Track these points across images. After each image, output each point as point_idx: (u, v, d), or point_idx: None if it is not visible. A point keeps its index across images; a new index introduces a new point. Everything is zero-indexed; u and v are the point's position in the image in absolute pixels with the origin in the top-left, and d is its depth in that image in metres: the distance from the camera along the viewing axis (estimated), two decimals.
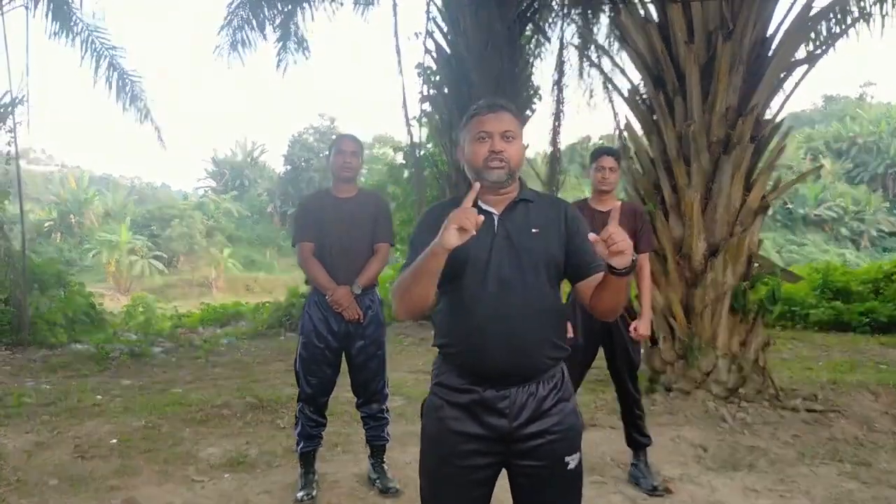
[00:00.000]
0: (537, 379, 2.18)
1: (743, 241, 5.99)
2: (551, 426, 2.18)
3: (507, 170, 2.16)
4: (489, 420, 2.16)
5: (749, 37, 5.92)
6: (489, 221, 2.17)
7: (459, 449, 2.18)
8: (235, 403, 5.97)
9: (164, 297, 35.68)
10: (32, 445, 4.80)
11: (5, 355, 8.52)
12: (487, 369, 2.15)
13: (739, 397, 5.95)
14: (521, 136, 2.23)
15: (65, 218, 51.00)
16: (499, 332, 2.12)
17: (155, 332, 10.24)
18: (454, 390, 2.21)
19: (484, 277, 2.13)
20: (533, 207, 2.24)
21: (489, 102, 2.25)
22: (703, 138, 6.00)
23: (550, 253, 2.19)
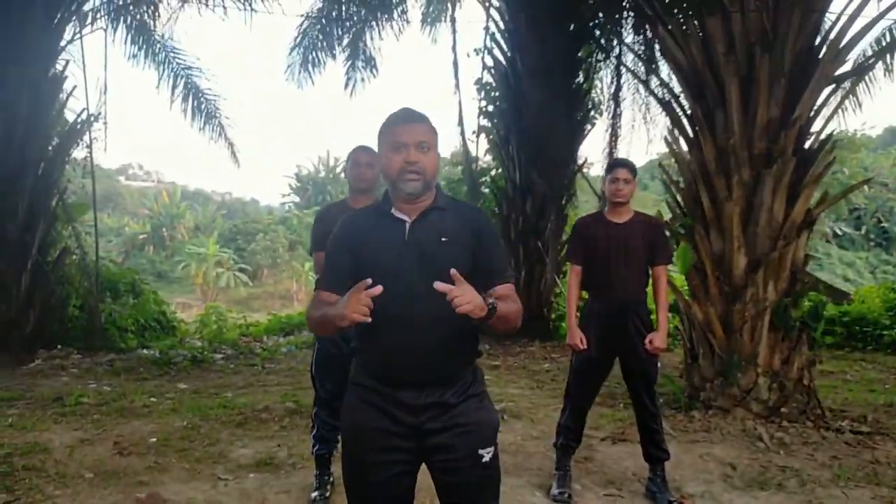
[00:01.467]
0: (450, 381, 2.27)
1: (785, 255, 5.84)
2: (460, 420, 2.26)
3: (423, 181, 2.22)
4: (399, 416, 2.24)
5: (792, 48, 5.79)
6: (400, 229, 2.26)
7: (374, 444, 2.26)
8: (276, 408, 6.18)
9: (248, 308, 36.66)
10: (77, 441, 5.09)
11: (76, 359, 9.01)
12: (396, 374, 2.25)
13: (781, 416, 5.79)
14: (436, 147, 2.29)
15: (157, 231, 53.31)
16: (406, 340, 2.20)
17: (219, 340, 10.62)
18: (367, 389, 2.30)
19: (392, 285, 2.12)
20: (446, 216, 2.30)
21: (405, 113, 2.31)
22: (743, 151, 5.90)
23: (457, 260, 2.18)
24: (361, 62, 14.26)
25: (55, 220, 9.73)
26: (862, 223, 43.58)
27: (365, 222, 2.36)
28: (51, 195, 9.56)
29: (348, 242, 2.32)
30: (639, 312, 4.23)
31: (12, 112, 8.91)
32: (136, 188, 69.71)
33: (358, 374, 2.36)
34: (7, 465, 4.51)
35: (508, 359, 9.34)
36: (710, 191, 6.07)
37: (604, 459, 5.03)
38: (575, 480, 4.52)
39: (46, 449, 4.89)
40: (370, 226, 2.32)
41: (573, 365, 4.37)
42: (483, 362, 8.97)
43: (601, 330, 4.22)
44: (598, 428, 5.81)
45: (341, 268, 2.30)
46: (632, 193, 4.29)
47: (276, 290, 47.14)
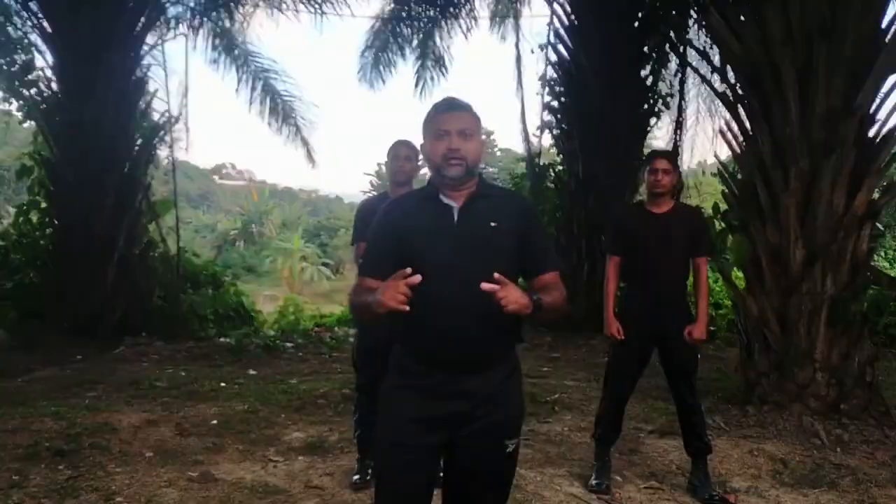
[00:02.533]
0: (491, 367, 2.31)
1: (845, 248, 5.67)
2: (499, 411, 2.30)
3: (465, 167, 2.27)
4: (444, 403, 2.27)
5: (853, 35, 5.61)
6: (449, 214, 2.30)
7: (411, 428, 2.28)
8: (333, 394, 6.40)
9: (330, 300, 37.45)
10: (143, 422, 5.42)
11: (158, 346, 9.49)
12: (445, 358, 2.27)
13: (840, 413, 5.63)
14: (479, 134, 2.34)
15: (247, 227, 54.97)
16: (457, 324, 2.22)
17: (292, 330, 10.99)
18: (412, 374, 2.32)
19: (443, 269, 2.20)
20: (492, 202, 2.34)
21: (448, 102, 2.37)
22: (801, 142, 5.75)
23: (507, 246, 2.28)
24: (431, 62, 14.47)
25: (140, 216, 10.28)
26: None
27: (410, 207, 2.41)
28: (136, 192, 10.11)
29: (393, 227, 2.35)
30: (678, 304, 4.23)
31: (100, 113, 9.46)
32: (229, 187, 72.13)
33: (403, 357, 2.37)
34: (75, 443, 4.84)
35: (569, 351, 9.34)
36: (766, 182, 5.94)
37: (649, 452, 5.03)
38: (617, 472, 4.55)
39: (114, 429, 5.22)
40: (416, 210, 2.37)
41: (610, 356, 4.39)
42: (543, 354, 9.11)
43: (639, 321, 4.22)
44: (649, 421, 5.80)
45: (384, 253, 2.34)
46: (671, 184, 4.28)
47: None
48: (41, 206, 10.17)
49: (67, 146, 9.53)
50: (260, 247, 53.25)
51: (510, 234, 2.31)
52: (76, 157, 9.47)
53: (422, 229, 2.30)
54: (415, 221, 2.33)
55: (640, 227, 4.24)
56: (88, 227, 9.46)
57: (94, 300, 9.47)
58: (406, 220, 2.35)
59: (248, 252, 52.13)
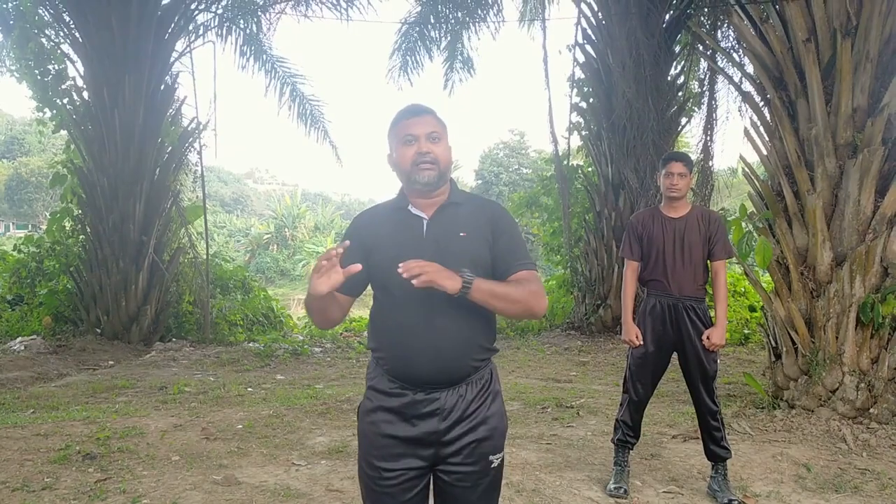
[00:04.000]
0: (466, 381, 2.23)
1: (874, 249, 5.57)
2: (479, 427, 2.23)
3: (437, 171, 2.20)
4: (420, 422, 2.20)
5: (877, 33, 5.52)
6: (418, 226, 2.24)
7: (391, 451, 2.21)
8: (357, 399, 6.41)
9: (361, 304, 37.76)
10: (171, 427, 5.51)
11: (188, 351, 9.66)
12: (416, 374, 2.19)
13: (870, 417, 5.53)
14: (446, 138, 2.27)
15: (280, 231, 55.49)
16: (426, 338, 2.15)
17: (320, 335, 11.08)
18: (385, 394, 2.24)
19: (410, 284, 2.05)
20: (462, 210, 2.27)
21: (412, 107, 2.30)
22: (827, 141, 5.67)
23: (477, 255, 2.20)
24: (459, 63, 14.56)
25: (170, 222, 10.45)
26: None
27: (379, 218, 2.33)
28: (165, 198, 10.29)
29: (360, 237, 2.27)
30: (696, 308, 4.20)
31: (130, 121, 9.66)
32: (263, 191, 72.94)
33: (376, 377, 2.29)
34: (105, 447, 4.95)
35: (599, 356, 9.31)
36: (792, 183, 5.87)
37: (670, 457, 4.99)
38: (637, 476, 4.53)
39: (142, 433, 5.32)
40: (385, 221, 2.29)
41: (630, 360, 4.37)
42: (572, 358, 9.09)
43: (657, 325, 4.21)
44: (673, 425, 5.75)
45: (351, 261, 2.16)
46: (688, 187, 4.26)
47: None
48: (74, 214, 10.39)
49: (99, 154, 9.73)
50: (292, 250, 53.70)
51: (480, 241, 2.23)
52: (107, 164, 9.68)
53: (390, 241, 2.23)
54: (383, 233, 2.26)
55: (657, 232, 4.23)
56: (120, 233, 9.66)
57: (125, 306, 9.66)
58: (374, 232, 2.28)
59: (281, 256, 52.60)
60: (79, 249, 10.25)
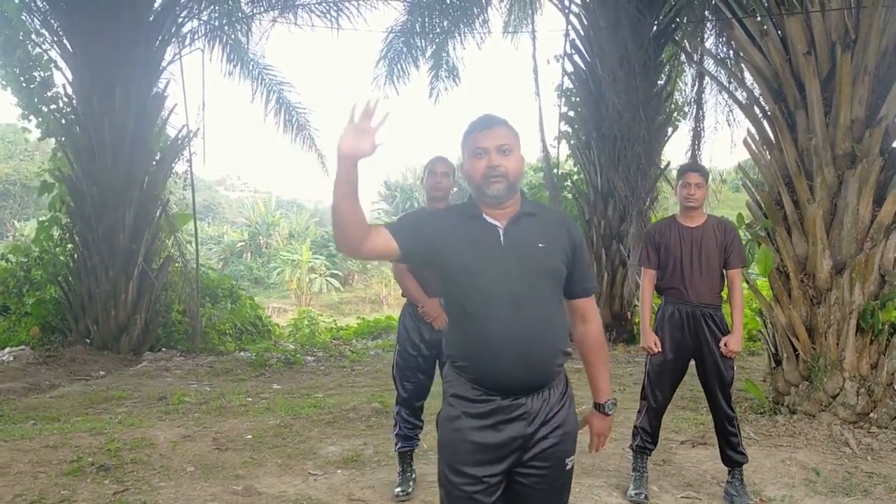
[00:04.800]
0: (548, 386, 2.28)
1: (872, 257, 5.71)
2: (558, 430, 2.28)
3: (506, 183, 2.22)
4: (507, 427, 2.23)
5: (876, 45, 5.67)
6: (495, 234, 2.25)
7: (477, 457, 2.23)
8: (363, 408, 6.44)
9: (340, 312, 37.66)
10: (180, 437, 5.47)
11: (179, 361, 9.57)
12: (501, 381, 2.22)
13: (870, 422, 5.66)
14: (518, 149, 2.28)
15: (254, 239, 55.06)
16: (512, 346, 2.18)
17: (311, 343, 11.05)
18: (469, 401, 2.26)
19: (494, 293, 2.18)
20: (537, 221, 2.30)
21: (485, 119, 2.31)
22: (826, 152, 5.81)
23: (555, 267, 2.27)
24: (444, 72, 14.59)
25: (159, 230, 10.36)
26: None
27: (452, 223, 2.31)
28: (155, 206, 10.20)
29: (432, 231, 2.27)
30: (713, 315, 4.28)
31: (120, 129, 9.57)
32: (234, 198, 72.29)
33: (456, 385, 2.31)
34: (117, 458, 4.90)
35: None
36: (791, 193, 6.00)
37: (682, 462, 5.06)
38: (652, 482, 4.59)
39: (152, 444, 5.28)
40: (459, 227, 2.28)
41: (648, 367, 4.44)
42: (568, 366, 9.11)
43: (676, 333, 4.28)
44: (679, 431, 5.82)
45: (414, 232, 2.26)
46: (704, 198, 4.34)
47: (367, 295, 48.03)
48: (62, 223, 10.26)
49: (88, 162, 9.62)
50: (267, 258, 53.32)
51: (557, 254, 2.28)
52: (97, 173, 9.57)
53: (466, 248, 2.24)
54: (457, 238, 2.26)
55: (674, 241, 4.30)
56: (109, 242, 9.55)
57: (115, 315, 9.55)
58: (446, 232, 2.28)
59: (255, 264, 52.22)
60: (67, 258, 10.11)
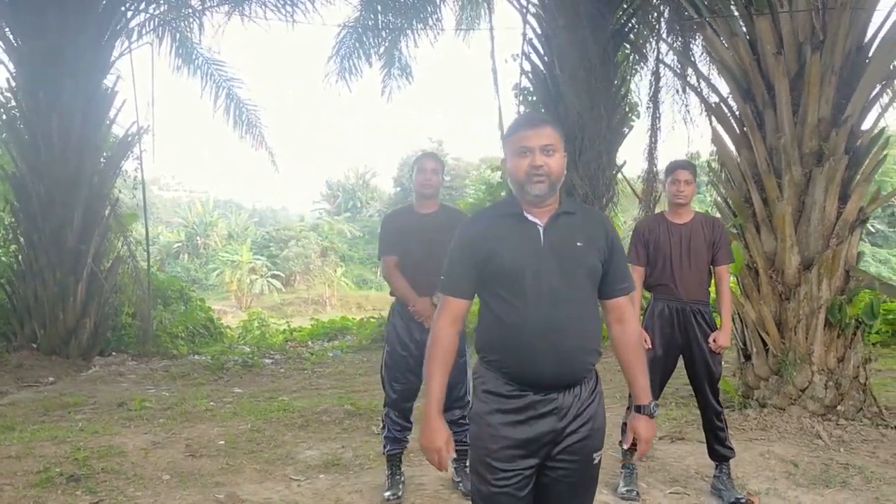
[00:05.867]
0: (579, 382, 2.30)
1: (839, 253, 5.85)
2: (587, 425, 2.30)
3: (549, 183, 2.24)
4: (539, 422, 2.26)
5: (842, 46, 5.81)
6: (534, 232, 2.28)
7: (509, 452, 2.26)
8: (334, 410, 6.31)
9: (281, 313, 37.09)
10: (149, 444, 5.26)
11: (132, 365, 9.26)
12: (535, 377, 2.24)
13: (837, 414, 5.79)
14: (562, 149, 2.30)
15: (192, 239, 53.89)
16: (547, 343, 2.21)
17: (267, 346, 10.82)
18: (502, 396, 2.29)
19: (532, 288, 2.22)
20: (576, 220, 2.33)
21: (529, 117, 2.36)
22: (794, 151, 5.93)
23: (593, 265, 2.30)
24: (397, 70, 14.49)
25: (108, 230, 9.99)
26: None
27: (492, 224, 2.34)
28: (104, 206, 9.83)
29: (476, 246, 2.31)
30: (702, 311, 4.30)
31: (68, 125, 9.20)
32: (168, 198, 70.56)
33: (488, 380, 2.33)
34: (87, 467, 4.68)
35: None
36: (760, 190, 6.10)
37: (665, 458, 5.09)
38: (640, 479, 4.59)
39: (122, 452, 5.06)
40: (500, 228, 2.32)
41: None
42: None
43: (665, 329, 4.30)
44: (657, 428, 5.85)
45: (465, 272, 2.33)
46: (693, 194, 4.36)
47: (310, 296, 47.46)
48: (5, 222, 9.80)
49: (33, 159, 9.21)
50: (205, 259, 52.26)
51: (595, 252, 2.31)
52: (43, 170, 9.18)
53: (509, 248, 2.26)
54: (501, 240, 2.28)
55: (663, 238, 4.32)
56: (56, 242, 9.18)
57: (63, 319, 9.17)
58: (490, 239, 2.29)
59: (192, 265, 51.09)
60: (11, 260, 9.67)
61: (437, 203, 4.38)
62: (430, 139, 59.90)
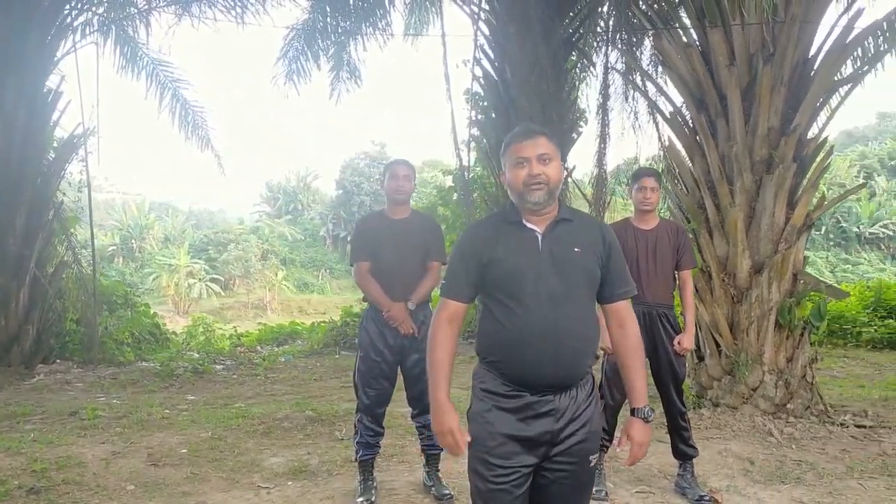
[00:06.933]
0: (576, 385, 2.37)
1: (787, 257, 6.08)
2: (584, 427, 2.37)
3: (546, 190, 2.33)
4: (536, 422, 2.32)
5: (790, 59, 6.04)
6: (534, 239, 2.37)
7: (506, 450, 2.33)
8: (295, 417, 6.26)
9: (221, 318, 36.54)
10: (109, 454, 5.13)
11: (78, 373, 9.00)
12: (534, 378, 2.32)
13: (787, 412, 6.02)
14: (558, 158, 2.39)
15: (127, 243, 52.65)
16: (546, 346, 2.29)
17: (216, 351, 10.64)
18: (500, 395, 2.36)
19: (532, 293, 2.30)
20: (574, 227, 2.41)
21: (525, 129, 2.43)
22: (745, 158, 6.14)
23: (591, 271, 2.38)
24: (346, 72, 14.38)
25: (52, 235, 9.70)
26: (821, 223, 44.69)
27: (492, 232, 2.42)
28: (47, 209, 9.53)
29: (476, 252, 2.39)
30: (667, 315, 4.43)
31: (11, 125, 8.90)
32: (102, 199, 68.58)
33: (487, 380, 2.40)
34: (46, 479, 4.55)
35: None
36: (713, 197, 6.30)
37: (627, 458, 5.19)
38: (606, 479, 4.69)
39: (81, 462, 4.92)
40: (500, 235, 2.39)
41: (605, 367, 4.53)
42: None
43: None
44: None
45: (466, 278, 2.41)
46: (658, 201, 4.49)
47: (250, 300, 46.84)
48: None
49: None
50: (140, 263, 51.08)
51: (593, 258, 2.39)
52: None
53: (508, 254, 2.35)
54: (500, 247, 2.36)
55: (631, 243, 4.42)
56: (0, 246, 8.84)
57: (5, 325, 8.87)
58: (490, 246, 2.38)
59: (127, 269, 49.86)
60: None
61: (409, 209, 4.40)
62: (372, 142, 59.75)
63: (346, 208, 54.33)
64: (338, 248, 55.80)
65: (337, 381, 8.43)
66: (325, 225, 57.66)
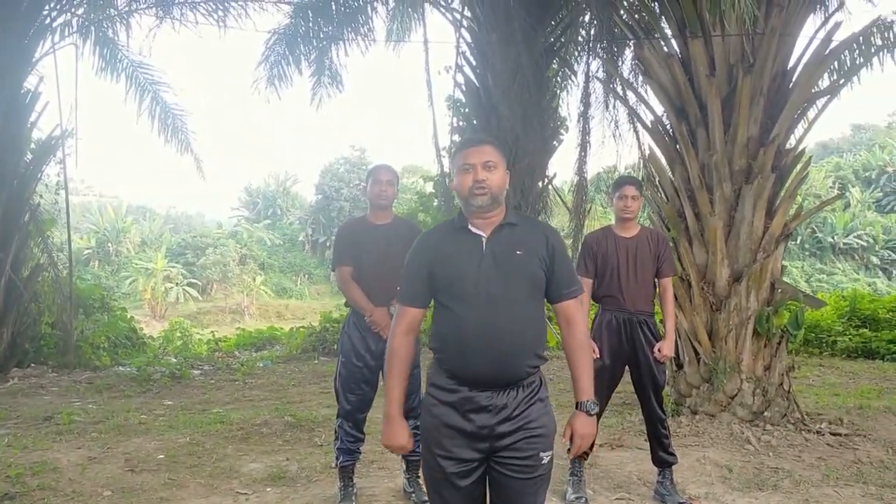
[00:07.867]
0: (517, 385, 2.47)
1: (766, 267, 6.14)
2: (528, 424, 2.46)
3: (490, 196, 2.45)
4: (475, 416, 2.45)
5: (770, 70, 6.12)
6: (477, 243, 2.49)
7: (451, 441, 2.47)
8: (274, 422, 6.22)
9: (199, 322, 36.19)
10: (85, 460, 5.07)
11: (53, 377, 8.88)
12: (473, 375, 2.45)
13: (764, 420, 6.07)
14: (503, 165, 2.52)
15: (103, 246, 52.08)
16: (484, 344, 2.41)
17: (193, 356, 10.55)
18: (444, 390, 2.50)
19: (473, 294, 2.43)
20: (517, 230, 2.52)
21: (473, 137, 2.59)
22: (725, 168, 6.20)
23: (533, 273, 2.49)
24: (327, 77, 14.34)
25: (28, 237, 9.57)
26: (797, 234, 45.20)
27: (441, 237, 2.58)
28: (24, 211, 9.41)
29: (426, 258, 2.54)
30: (647, 322, 4.46)
31: None
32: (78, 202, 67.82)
33: (435, 376, 2.55)
34: (21, 485, 4.50)
35: None
36: (693, 205, 6.35)
37: (607, 465, 5.22)
38: (586, 486, 4.70)
39: (56, 468, 4.87)
40: (447, 240, 2.55)
41: None
42: None
43: (613, 339, 4.43)
44: None
45: (418, 284, 2.56)
46: (639, 209, 4.52)
47: (227, 305, 46.52)
48: None
49: None
50: (117, 267, 50.56)
51: (535, 260, 2.50)
52: None
53: (453, 258, 2.50)
54: (446, 251, 2.52)
55: (611, 251, 4.46)
56: None
57: None
58: (437, 251, 2.53)
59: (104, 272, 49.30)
60: None
61: (391, 214, 4.40)
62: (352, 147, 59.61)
63: (325, 213, 54.21)
64: (317, 254, 55.62)
65: (316, 387, 8.39)
66: (305, 230, 57.46)
